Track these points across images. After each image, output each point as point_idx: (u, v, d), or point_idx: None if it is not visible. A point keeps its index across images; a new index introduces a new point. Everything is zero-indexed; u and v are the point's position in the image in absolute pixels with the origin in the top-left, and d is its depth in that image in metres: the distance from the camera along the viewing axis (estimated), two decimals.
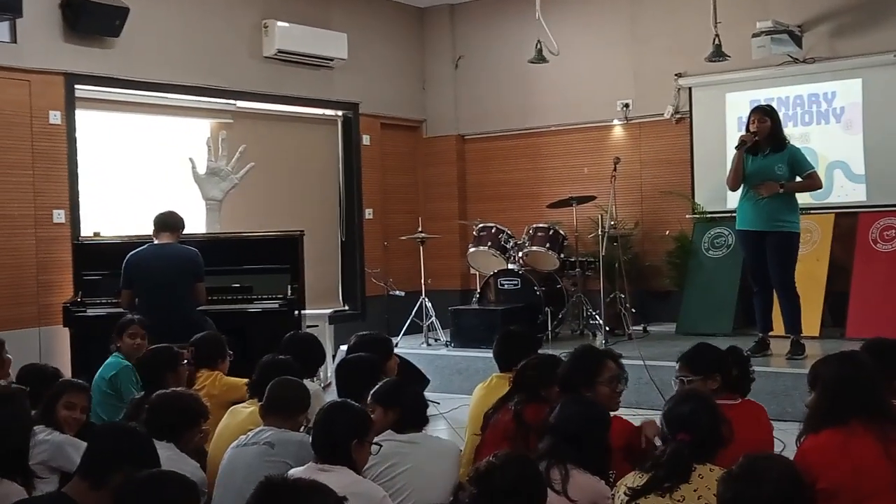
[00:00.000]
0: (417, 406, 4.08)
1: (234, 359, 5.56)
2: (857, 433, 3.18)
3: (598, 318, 8.73)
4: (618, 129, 10.24)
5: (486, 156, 11.14)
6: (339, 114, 10.49)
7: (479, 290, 9.24)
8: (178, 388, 4.33)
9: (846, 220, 8.75)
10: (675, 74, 9.72)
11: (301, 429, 4.08)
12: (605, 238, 8.45)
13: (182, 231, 6.91)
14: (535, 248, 8.98)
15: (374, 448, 3.60)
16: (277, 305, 7.27)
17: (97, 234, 7.86)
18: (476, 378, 6.85)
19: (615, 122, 10.20)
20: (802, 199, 7.52)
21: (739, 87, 9.42)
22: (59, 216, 7.84)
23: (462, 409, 5.55)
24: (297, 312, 7.34)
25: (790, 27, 8.84)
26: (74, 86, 7.97)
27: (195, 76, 8.84)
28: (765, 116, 7.15)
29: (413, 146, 11.43)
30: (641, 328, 9.15)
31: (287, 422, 4.03)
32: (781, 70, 9.13)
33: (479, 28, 10.99)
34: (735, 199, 7.53)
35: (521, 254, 9.05)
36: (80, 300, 7.30)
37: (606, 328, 8.54)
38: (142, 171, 8.67)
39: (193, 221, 7.62)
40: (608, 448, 3.55)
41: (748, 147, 7.14)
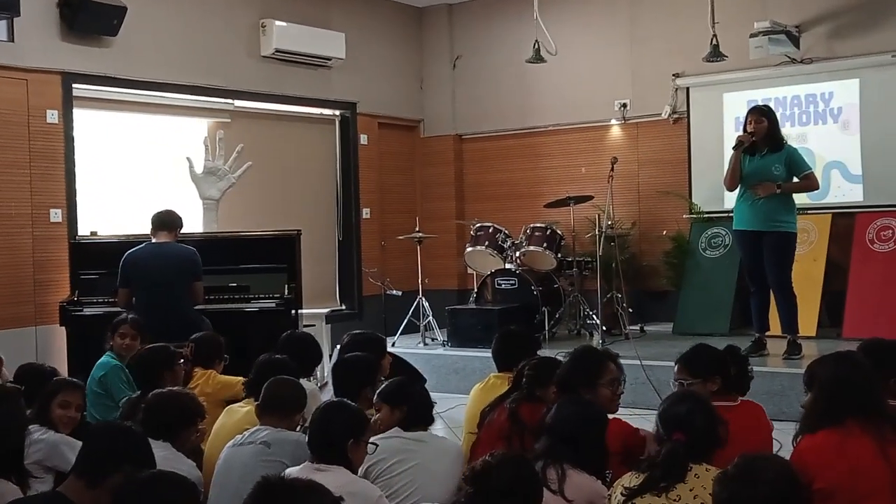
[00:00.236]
0: (424, 404, 4.08)
1: (231, 360, 5.57)
2: (854, 433, 3.18)
3: (595, 318, 8.73)
4: (615, 129, 10.24)
5: (484, 156, 11.14)
6: (337, 113, 10.49)
7: (477, 290, 9.24)
8: (175, 388, 4.33)
9: (843, 221, 8.75)
10: (673, 74, 9.72)
11: (297, 428, 4.08)
12: (603, 238, 8.46)
13: (180, 230, 6.90)
14: (533, 248, 8.98)
15: (371, 448, 3.60)
16: (274, 305, 7.27)
17: (94, 234, 7.85)
18: (473, 377, 6.86)
19: (613, 122, 10.21)
20: (799, 200, 7.53)
21: (737, 88, 9.43)
22: (56, 215, 7.83)
23: (459, 409, 5.55)
24: (294, 312, 7.34)
25: (788, 27, 8.85)
26: (72, 85, 7.96)
27: (193, 75, 8.83)
28: (762, 117, 7.16)
29: (411, 146, 11.43)
30: (638, 328, 9.16)
31: (283, 421, 4.03)
32: (779, 70, 9.13)
33: (478, 28, 10.99)
34: (732, 200, 7.53)
35: (519, 253, 9.05)
36: (77, 299, 7.30)
37: (603, 328, 8.55)
38: (139, 171, 8.66)
39: (191, 221, 7.61)
40: (605, 448, 3.55)
41: (745, 147, 7.14)
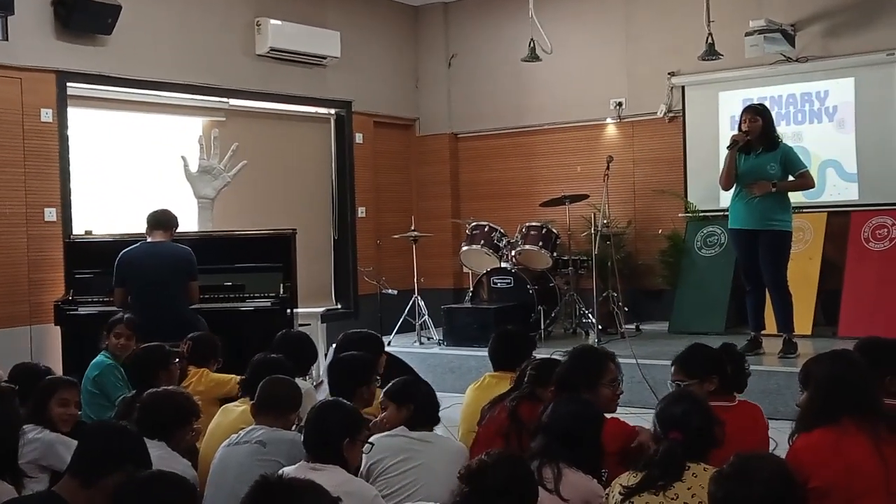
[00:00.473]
0: (430, 404, 4.07)
1: (226, 359, 5.57)
2: (850, 432, 3.18)
3: (591, 317, 8.73)
4: (611, 128, 10.24)
5: (480, 154, 11.14)
6: (332, 112, 10.48)
7: (472, 289, 9.23)
8: (170, 387, 4.32)
9: (838, 219, 8.76)
10: (669, 73, 9.73)
11: (293, 427, 4.08)
12: (598, 237, 8.45)
13: (175, 229, 6.88)
14: (528, 247, 8.97)
15: (367, 447, 3.59)
16: (270, 304, 7.26)
17: (89, 233, 7.84)
18: (469, 377, 6.85)
19: (608, 121, 10.21)
20: (795, 198, 7.53)
21: (732, 86, 9.43)
22: (51, 214, 7.81)
23: (455, 408, 5.54)
24: (290, 311, 7.33)
25: (783, 26, 8.86)
26: (66, 83, 7.94)
27: (188, 74, 8.82)
28: (756, 116, 7.15)
29: (406, 144, 11.43)
30: (634, 327, 9.16)
31: (279, 420, 4.02)
32: (774, 69, 9.14)
33: (473, 26, 10.99)
34: (728, 198, 7.53)
35: (514, 252, 9.04)
36: (72, 298, 7.30)
37: (599, 327, 8.54)
38: (134, 170, 8.64)
39: (186, 220, 7.60)
40: (601, 447, 3.54)
41: (741, 146, 7.14)
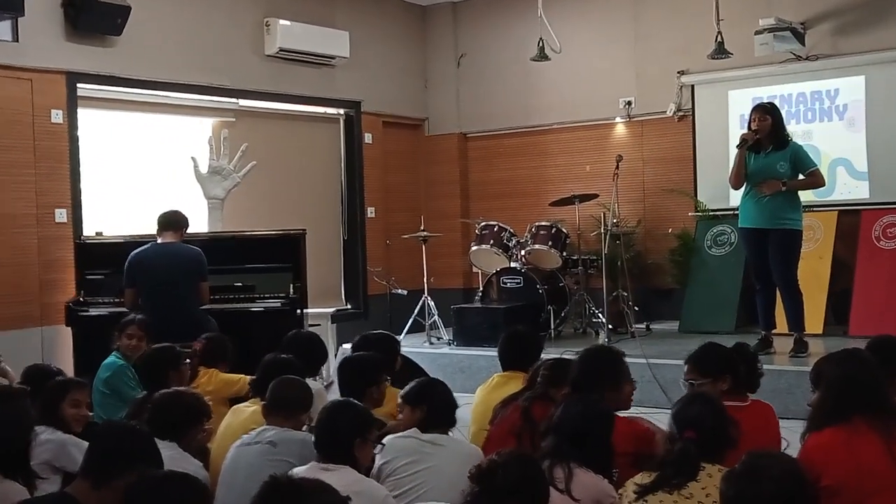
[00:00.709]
0: (445, 405, 4.01)
1: (236, 359, 5.59)
2: (861, 431, 3.18)
3: (601, 317, 8.72)
4: (620, 127, 10.23)
5: (489, 154, 11.13)
6: (342, 112, 10.49)
7: (482, 289, 9.22)
8: (181, 388, 4.33)
9: (849, 218, 8.73)
10: (678, 72, 9.71)
11: (303, 428, 4.08)
12: (608, 236, 8.44)
13: (186, 230, 6.89)
14: (538, 247, 8.96)
15: (377, 447, 3.59)
16: (280, 304, 7.27)
17: (99, 234, 7.86)
18: (479, 376, 6.84)
19: (618, 120, 10.19)
20: (805, 197, 7.50)
21: (742, 85, 9.41)
22: (62, 215, 7.83)
23: (465, 408, 5.53)
24: (300, 311, 7.34)
25: (793, 24, 8.82)
26: (76, 84, 7.96)
27: (197, 75, 8.83)
28: (765, 114, 7.13)
29: (415, 144, 11.43)
30: (644, 326, 9.14)
31: (289, 421, 4.03)
32: (784, 67, 9.12)
33: (482, 26, 10.98)
34: (738, 197, 7.51)
35: (524, 252, 9.03)
36: (83, 299, 7.31)
37: (609, 326, 8.53)
38: (144, 170, 8.66)
39: (196, 220, 7.61)
40: (611, 447, 3.54)
41: (750, 145, 7.13)
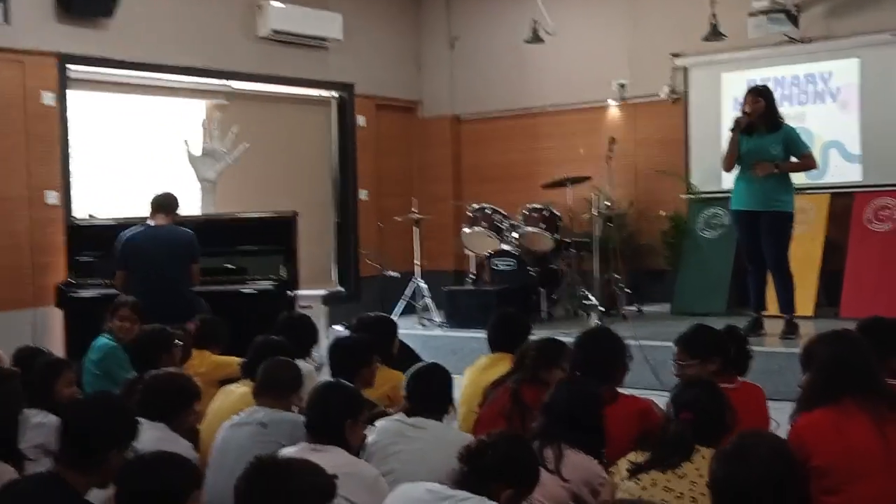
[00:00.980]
0: (431, 394, 3.94)
1: (227, 342, 5.58)
2: (851, 412, 3.18)
3: (593, 299, 8.73)
4: (613, 110, 10.21)
5: (482, 137, 11.11)
6: (334, 95, 10.46)
7: (474, 271, 9.24)
8: (171, 369, 4.33)
9: (841, 200, 8.75)
10: (672, 54, 9.69)
11: (294, 409, 4.08)
12: (600, 218, 8.44)
13: (177, 212, 6.88)
14: (530, 229, 8.96)
15: (367, 429, 3.59)
16: (271, 286, 7.27)
17: (91, 216, 7.84)
18: (470, 358, 6.79)
19: (611, 103, 10.17)
20: (797, 179, 7.51)
21: (736, 67, 9.39)
22: (53, 198, 7.82)
23: (456, 390, 5.54)
24: (291, 293, 7.35)
25: (787, 6, 8.81)
26: (67, 66, 7.94)
27: (189, 57, 8.79)
28: (758, 97, 7.13)
29: (408, 127, 11.40)
30: (636, 308, 9.16)
31: (280, 402, 4.03)
32: (778, 50, 9.10)
33: (475, 8, 10.94)
34: (730, 180, 7.53)
35: (516, 234, 9.03)
36: (74, 281, 7.30)
37: (601, 308, 8.54)
38: (136, 153, 8.64)
39: (188, 202, 7.60)
40: (602, 428, 3.55)
41: (743, 128, 7.13)
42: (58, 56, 7.85)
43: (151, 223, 6.72)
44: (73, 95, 8.05)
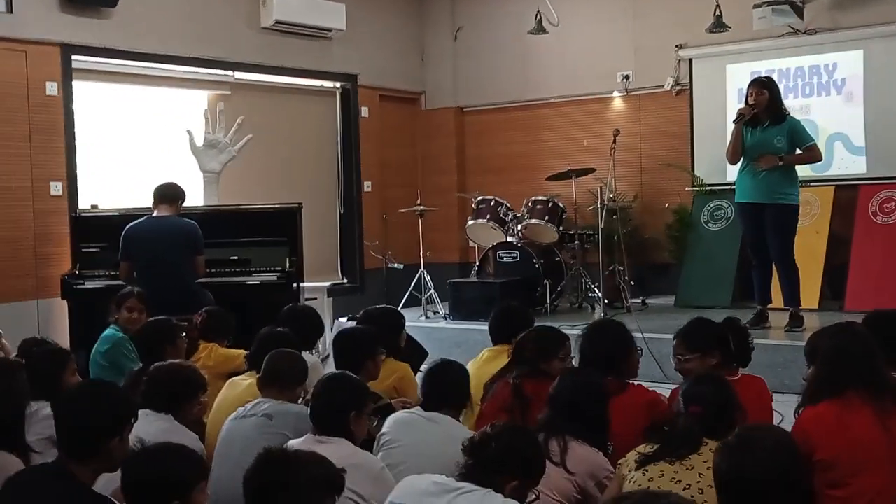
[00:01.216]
0: (448, 387, 3.94)
1: (235, 338, 5.59)
2: (855, 404, 3.19)
3: (597, 291, 8.72)
4: (618, 101, 10.19)
5: (486, 128, 11.09)
6: (338, 85, 10.45)
7: (478, 263, 9.22)
8: (177, 360, 4.33)
9: (846, 193, 8.73)
10: (676, 46, 9.66)
11: (299, 401, 4.09)
12: (605, 211, 8.42)
13: (182, 203, 6.87)
14: (534, 221, 8.96)
15: (372, 420, 3.60)
16: (276, 278, 7.27)
17: (95, 207, 7.83)
18: (475, 350, 6.80)
19: (615, 94, 10.15)
20: (802, 172, 7.49)
21: (740, 59, 9.37)
22: (57, 188, 7.82)
23: None
24: (296, 285, 7.34)
25: None
26: (71, 56, 7.92)
27: (193, 47, 8.78)
28: (763, 89, 7.10)
29: (412, 118, 11.39)
30: (640, 301, 9.15)
31: (285, 393, 4.04)
32: (782, 41, 9.07)
33: None
34: (735, 172, 7.50)
35: (520, 227, 9.03)
36: (78, 272, 7.30)
37: (605, 301, 8.53)
38: (140, 143, 8.63)
39: (192, 194, 7.59)
40: (607, 420, 3.56)
41: (747, 120, 7.11)
42: (62, 46, 7.83)
43: (155, 214, 6.71)
44: (78, 86, 8.03)
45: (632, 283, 9.06)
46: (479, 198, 9.33)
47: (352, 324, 5.40)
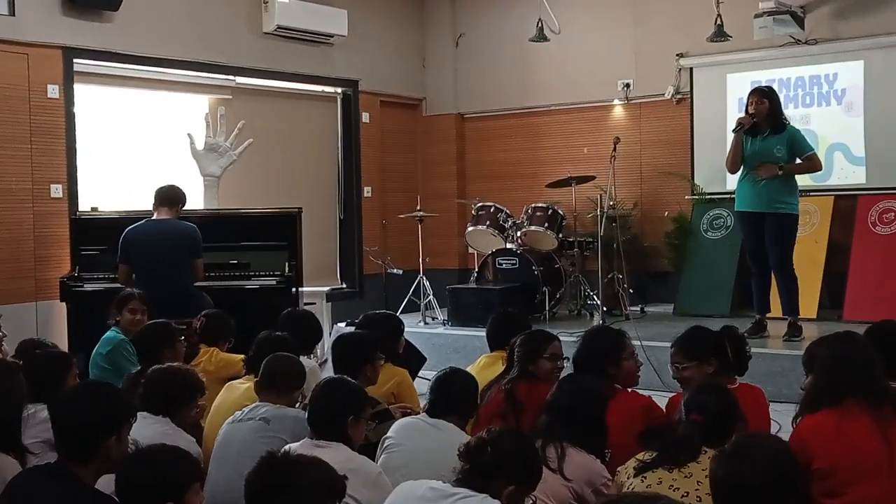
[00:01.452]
0: (453, 395, 3.88)
1: (234, 344, 5.58)
2: (854, 413, 3.18)
3: (596, 299, 8.72)
4: (618, 109, 10.20)
5: (486, 135, 11.10)
6: (339, 91, 10.45)
7: (477, 270, 9.23)
8: (175, 364, 4.33)
9: (845, 203, 8.73)
10: (677, 54, 9.67)
11: (297, 405, 4.09)
12: (604, 218, 8.43)
13: (182, 206, 6.87)
14: (534, 228, 8.96)
15: (370, 424, 3.59)
16: (275, 282, 7.26)
17: (95, 209, 7.84)
18: (473, 357, 6.81)
19: (616, 102, 10.16)
20: (802, 181, 7.50)
21: (741, 68, 9.38)
22: (57, 191, 7.83)
23: None
24: (295, 289, 7.33)
25: (792, 8, 8.79)
26: (73, 60, 7.93)
27: (194, 51, 8.79)
28: (763, 98, 7.11)
29: (412, 124, 11.40)
30: (639, 309, 9.15)
31: (282, 398, 4.03)
32: (783, 51, 9.09)
33: (480, 6, 10.93)
34: (734, 181, 7.51)
35: (520, 233, 9.03)
36: (78, 275, 7.29)
37: (604, 308, 8.53)
38: (140, 147, 8.63)
39: (192, 197, 7.58)
40: (605, 427, 3.55)
41: (747, 129, 7.11)
42: (63, 49, 7.84)
43: (155, 217, 6.71)
44: (79, 89, 8.04)
45: (631, 291, 9.06)
46: (479, 204, 9.34)
47: (351, 329, 5.38)
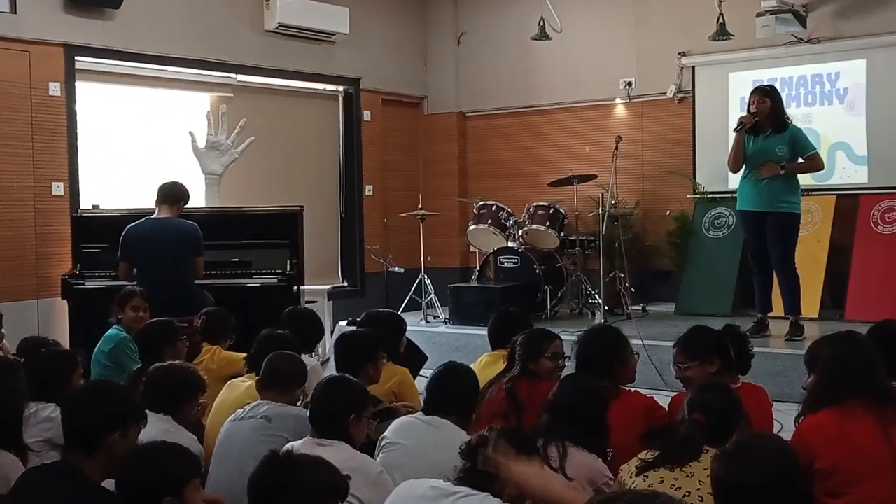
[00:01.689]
0: (449, 392, 3.83)
1: (235, 340, 5.58)
2: (856, 413, 3.18)
3: (598, 298, 8.72)
4: (620, 108, 10.19)
5: (488, 133, 11.10)
6: (340, 89, 10.44)
7: (479, 268, 9.22)
8: (176, 362, 4.32)
9: (847, 202, 8.73)
10: (679, 53, 9.67)
11: (298, 403, 4.08)
12: (606, 217, 8.42)
13: (184, 204, 6.85)
14: (535, 227, 8.96)
15: (371, 423, 3.59)
16: (276, 280, 7.27)
17: (96, 207, 7.84)
18: (474, 355, 6.80)
19: (617, 101, 10.16)
20: (804, 181, 7.49)
21: (743, 67, 9.38)
22: (59, 188, 7.82)
23: None
24: (296, 288, 7.33)
25: (795, 7, 8.78)
26: (74, 57, 7.92)
27: (196, 49, 8.79)
28: (765, 97, 7.10)
29: (414, 123, 11.39)
30: (641, 308, 9.15)
31: (284, 396, 4.03)
32: (785, 50, 9.08)
33: (482, 4, 10.92)
34: (736, 180, 7.51)
35: (521, 232, 9.02)
36: (79, 272, 7.30)
37: (606, 307, 8.53)
38: (141, 145, 8.63)
39: (193, 195, 7.58)
40: (606, 426, 3.55)
41: (749, 128, 7.11)
42: (65, 46, 7.83)
43: (156, 215, 6.71)
44: (80, 86, 8.03)
45: (632, 290, 9.06)
46: (481, 203, 9.33)
47: (353, 328, 5.37)
